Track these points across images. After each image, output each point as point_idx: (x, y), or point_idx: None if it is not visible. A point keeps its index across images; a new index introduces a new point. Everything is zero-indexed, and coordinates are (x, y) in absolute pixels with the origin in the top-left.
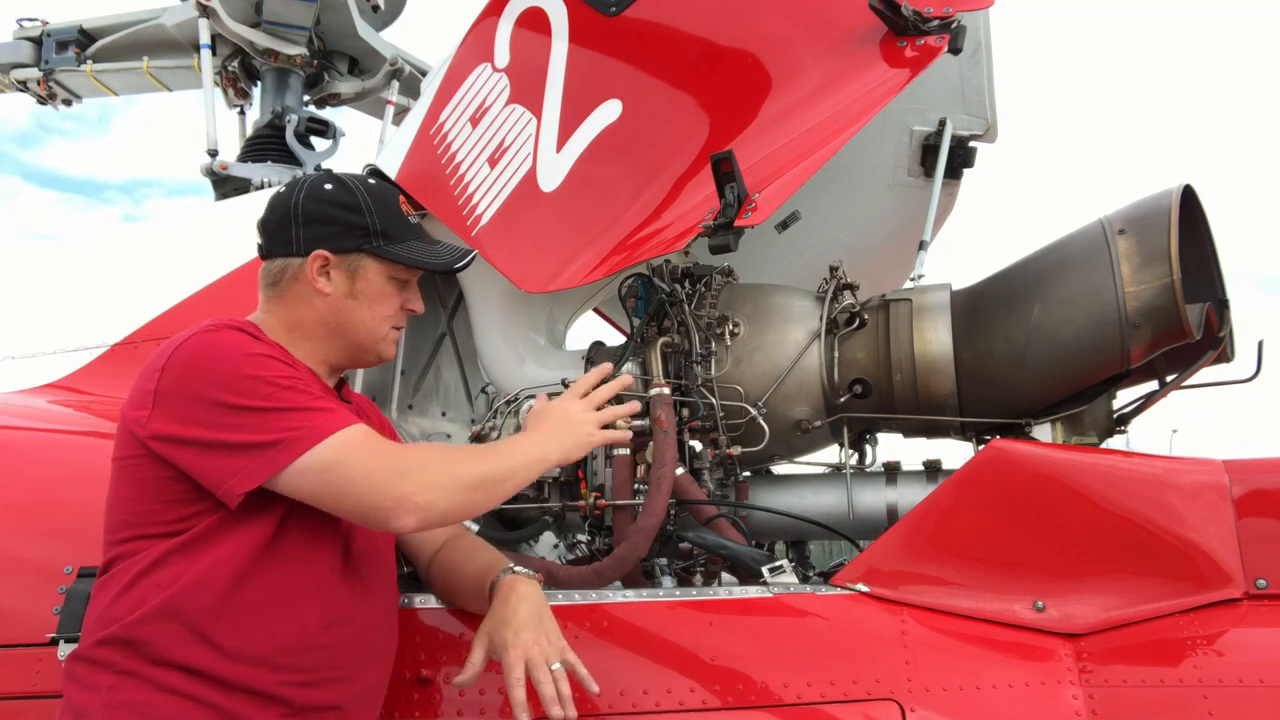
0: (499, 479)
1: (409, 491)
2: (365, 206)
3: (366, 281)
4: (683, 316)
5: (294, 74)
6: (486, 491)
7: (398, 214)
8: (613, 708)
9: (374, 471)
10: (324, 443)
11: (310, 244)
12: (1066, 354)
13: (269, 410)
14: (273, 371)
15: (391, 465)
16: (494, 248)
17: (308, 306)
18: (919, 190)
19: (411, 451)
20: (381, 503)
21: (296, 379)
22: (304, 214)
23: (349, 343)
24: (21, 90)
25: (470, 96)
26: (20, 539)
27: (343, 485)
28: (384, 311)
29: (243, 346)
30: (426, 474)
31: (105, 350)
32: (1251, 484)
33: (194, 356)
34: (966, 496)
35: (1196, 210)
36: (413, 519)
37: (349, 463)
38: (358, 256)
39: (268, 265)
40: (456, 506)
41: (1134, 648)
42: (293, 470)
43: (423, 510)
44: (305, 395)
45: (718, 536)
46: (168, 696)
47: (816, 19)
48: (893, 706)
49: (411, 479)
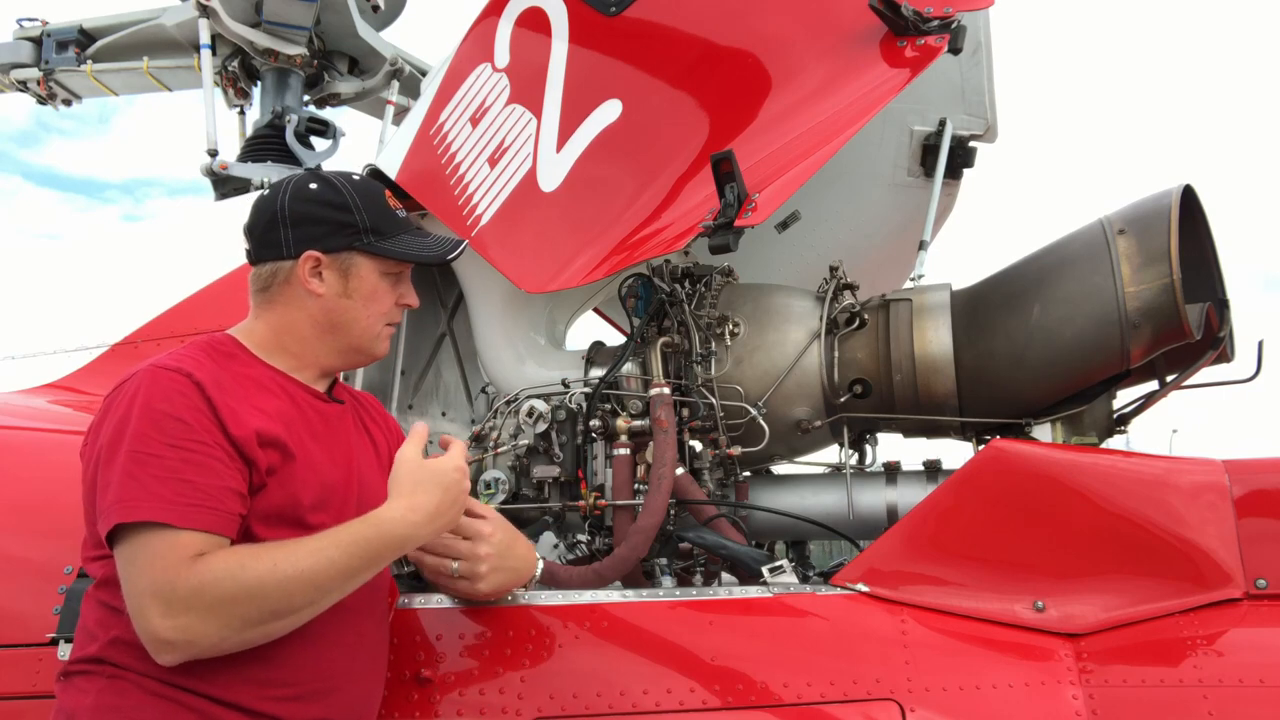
0: (304, 604)
1: (166, 628)
2: (353, 204)
3: (360, 279)
4: (683, 316)
5: (294, 74)
6: (288, 620)
7: (386, 209)
8: (613, 708)
9: (141, 595)
10: (130, 532)
11: (300, 245)
12: (1066, 354)
13: (130, 469)
14: (164, 432)
15: (162, 588)
16: (494, 248)
17: (300, 308)
18: (919, 190)
19: (209, 569)
20: (141, 630)
21: (188, 440)
22: (291, 215)
23: (344, 342)
24: (21, 90)
25: (470, 96)
26: (20, 539)
27: (125, 588)
28: (379, 309)
29: (150, 402)
30: (200, 605)
31: (105, 350)
32: (1251, 484)
33: (112, 403)
34: (966, 496)
35: (1197, 210)
36: (169, 657)
37: (129, 570)
38: (349, 255)
39: (257, 270)
40: (232, 642)
41: (1134, 648)
42: (117, 538)
43: (181, 649)
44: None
45: (718, 536)
46: (156, 701)
47: (816, 19)
48: (893, 706)
49: (175, 613)
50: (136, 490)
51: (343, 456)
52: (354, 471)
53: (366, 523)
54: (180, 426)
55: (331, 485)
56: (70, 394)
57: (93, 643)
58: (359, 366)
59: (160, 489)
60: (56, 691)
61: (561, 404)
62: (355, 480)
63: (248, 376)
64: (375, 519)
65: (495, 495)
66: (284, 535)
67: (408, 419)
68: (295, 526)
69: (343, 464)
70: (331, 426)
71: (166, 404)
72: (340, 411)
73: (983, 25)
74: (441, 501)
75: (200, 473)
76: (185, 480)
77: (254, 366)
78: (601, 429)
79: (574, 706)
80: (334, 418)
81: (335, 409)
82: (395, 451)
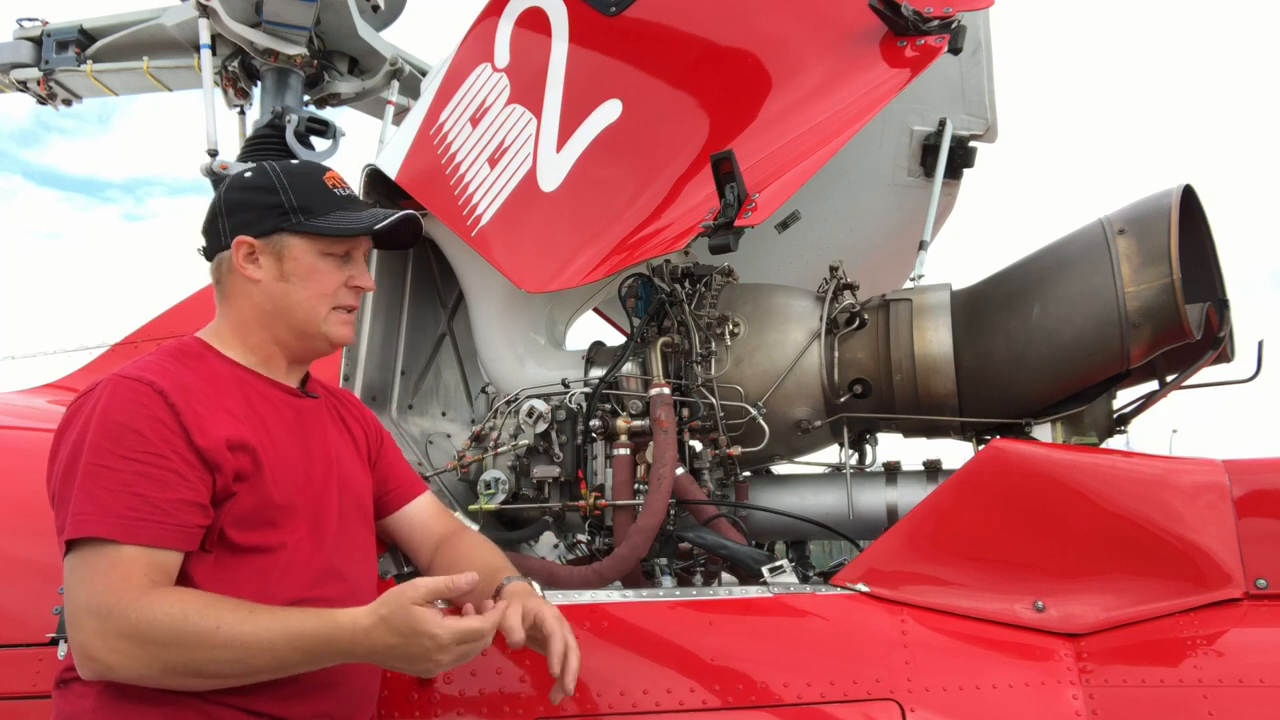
0: (230, 675)
1: (97, 646)
2: (279, 185)
3: (295, 261)
4: (683, 316)
5: (294, 74)
6: (207, 681)
7: (320, 188)
8: (613, 708)
9: (78, 611)
10: (77, 547)
11: (233, 232)
12: (1066, 354)
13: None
14: (120, 444)
15: (100, 608)
16: (494, 248)
17: (246, 298)
18: (919, 190)
19: (152, 607)
20: (74, 641)
21: (144, 452)
22: (226, 205)
23: (291, 329)
24: (21, 90)
25: (470, 96)
26: (20, 539)
27: (65, 600)
28: (320, 289)
29: (108, 413)
30: (134, 636)
31: (105, 350)
32: (1251, 484)
33: (74, 414)
34: (966, 496)
35: (1196, 210)
36: (89, 671)
37: (71, 582)
38: (279, 237)
39: (212, 266)
40: (151, 681)
41: (1134, 648)
42: (68, 553)
43: (102, 670)
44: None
45: (718, 536)
46: (157, 703)
47: (816, 19)
48: (892, 706)
49: (109, 635)
50: (87, 504)
51: (319, 450)
52: (333, 465)
53: (322, 617)
54: (137, 439)
55: (306, 482)
56: (70, 394)
57: None
58: (320, 354)
59: (111, 502)
60: (55, 697)
61: (561, 404)
62: (335, 473)
63: (216, 376)
64: (332, 615)
65: (495, 495)
66: (259, 537)
67: (408, 419)
68: (269, 527)
69: (320, 458)
70: (305, 421)
71: (125, 415)
72: (314, 406)
73: (983, 25)
74: (398, 651)
75: (153, 485)
76: (137, 494)
77: (222, 365)
78: (601, 429)
79: (574, 706)
80: (307, 412)
81: (309, 403)
82: (374, 444)
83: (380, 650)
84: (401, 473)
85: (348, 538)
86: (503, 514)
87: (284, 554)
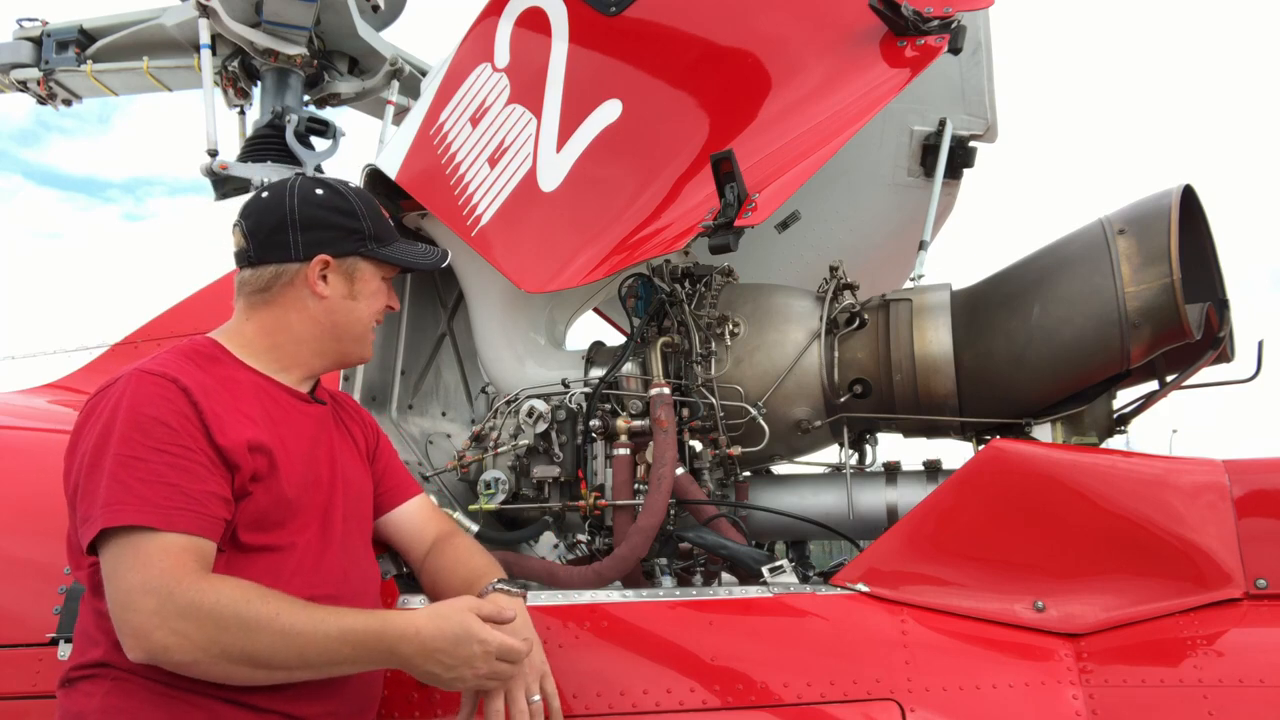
0: (281, 665)
1: (155, 626)
2: (359, 211)
3: (364, 283)
4: (683, 316)
5: (294, 74)
6: (257, 671)
7: (383, 218)
8: (613, 708)
9: (132, 590)
10: (116, 536)
11: (310, 248)
12: (1066, 354)
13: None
14: (150, 436)
15: (158, 588)
16: (494, 248)
17: (300, 309)
18: (919, 190)
19: (215, 588)
20: (125, 623)
21: (173, 444)
22: (302, 219)
23: (340, 343)
24: (21, 90)
25: (470, 96)
26: (20, 539)
27: (109, 587)
28: (375, 309)
29: (135, 406)
30: (195, 616)
31: (105, 350)
32: (1251, 484)
33: (96, 406)
34: (966, 496)
35: (1196, 210)
36: (141, 653)
37: (117, 568)
38: (354, 259)
39: (257, 272)
40: (202, 666)
41: (1134, 648)
42: (103, 542)
43: (158, 652)
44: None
45: (718, 536)
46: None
47: (816, 19)
48: (892, 706)
49: (168, 616)
50: (122, 494)
51: (326, 456)
52: (338, 469)
53: (374, 615)
54: (166, 430)
55: (315, 484)
56: (70, 394)
57: (95, 647)
58: (344, 368)
59: (147, 492)
60: (59, 697)
61: (561, 404)
62: (340, 475)
63: (232, 380)
64: (384, 614)
65: (495, 495)
66: (270, 537)
67: (408, 419)
68: (280, 528)
69: (327, 463)
70: (315, 427)
71: (152, 408)
72: (323, 412)
73: (983, 25)
74: (445, 655)
75: (185, 477)
76: (170, 484)
77: (237, 369)
78: (601, 429)
79: (574, 706)
80: (317, 418)
81: (318, 410)
82: (371, 444)
83: (428, 651)
84: (395, 474)
85: (352, 539)
86: (503, 514)
87: (294, 554)
